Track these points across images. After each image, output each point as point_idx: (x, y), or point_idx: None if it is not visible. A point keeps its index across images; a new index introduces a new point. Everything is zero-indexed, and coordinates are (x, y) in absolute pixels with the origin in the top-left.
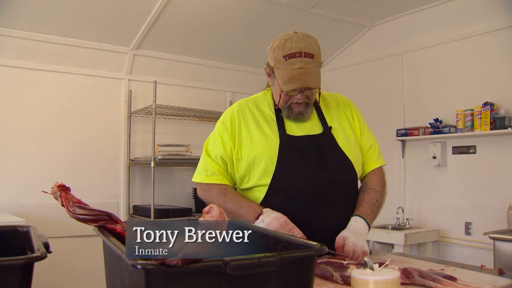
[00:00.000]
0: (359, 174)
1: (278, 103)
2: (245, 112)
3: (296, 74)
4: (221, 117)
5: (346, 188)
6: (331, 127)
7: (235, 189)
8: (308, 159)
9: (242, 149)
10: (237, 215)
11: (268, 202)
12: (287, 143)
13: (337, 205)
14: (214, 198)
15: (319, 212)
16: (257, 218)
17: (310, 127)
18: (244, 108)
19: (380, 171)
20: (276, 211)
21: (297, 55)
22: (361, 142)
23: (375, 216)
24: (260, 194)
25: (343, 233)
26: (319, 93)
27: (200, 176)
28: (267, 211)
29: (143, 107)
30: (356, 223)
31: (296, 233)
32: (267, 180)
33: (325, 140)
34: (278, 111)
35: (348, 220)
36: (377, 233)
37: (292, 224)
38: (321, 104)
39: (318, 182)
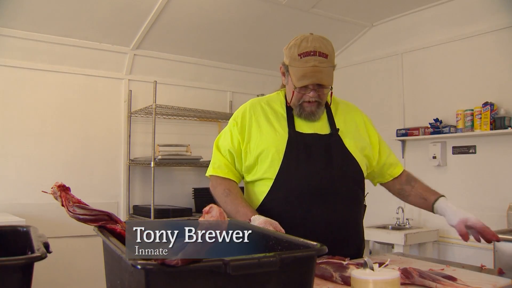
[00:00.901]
0: (364, 174)
1: (291, 101)
2: (257, 109)
3: (309, 71)
4: (234, 114)
5: (350, 186)
6: (338, 129)
7: (243, 187)
8: (315, 156)
9: (251, 143)
10: (233, 217)
11: (272, 195)
12: (295, 139)
13: (340, 202)
14: (218, 196)
15: (322, 209)
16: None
17: (320, 127)
18: (256, 105)
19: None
20: (279, 205)
21: (311, 53)
22: (381, 150)
23: None
24: (265, 188)
25: (459, 217)
26: (331, 93)
27: (209, 169)
28: (254, 218)
29: (143, 107)
30: (450, 202)
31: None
32: (273, 174)
33: (333, 140)
34: (289, 110)
35: (351, 218)
36: (377, 233)
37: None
38: (332, 107)
39: (322, 179)
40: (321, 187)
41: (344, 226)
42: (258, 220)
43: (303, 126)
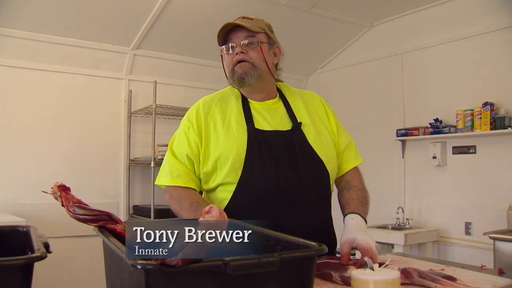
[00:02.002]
0: (331, 173)
1: (226, 73)
2: (211, 107)
3: (226, 25)
4: (186, 114)
5: (317, 188)
6: (301, 123)
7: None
8: (278, 156)
9: (209, 147)
10: None
11: (236, 202)
12: (255, 137)
13: (308, 205)
14: (185, 210)
15: (289, 213)
16: None
17: (279, 122)
18: (210, 103)
19: (358, 170)
20: (244, 212)
21: (234, 19)
22: (338, 142)
23: (367, 213)
24: (226, 194)
25: (348, 236)
26: (261, 51)
27: (165, 178)
28: None
29: (143, 107)
30: (353, 220)
31: None
32: (235, 178)
33: (295, 136)
34: (246, 105)
35: (321, 221)
36: (377, 233)
37: None
38: (290, 99)
39: (288, 182)
40: (288, 190)
41: (314, 230)
42: None
43: (261, 123)
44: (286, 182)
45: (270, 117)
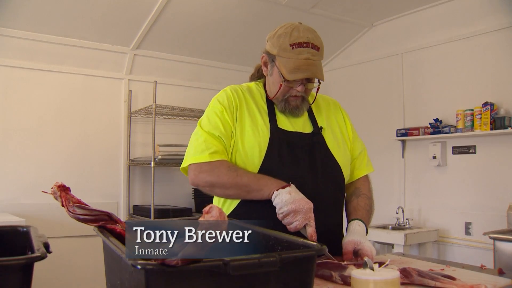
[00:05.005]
0: (346, 179)
1: (275, 94)
2: (239, 95)
3: (303, 64)
4: (215, 98)
5: (333, 192)
6: (321, 127)
7: None
8: (298, 157)
9: (236, 136)
10: (255, 187)
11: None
12: (277, 136)
13: (322, 209)
14: (223, 175)
15: None
16: (282, 188)
17: (302, 125)
18: (238, 91)
19: (368, 178)
20: (257, 209)
21: (304, 45)
22: (352, 148)
23: (369, 223)
24: None
25: (353, 238)
26: (318, 89)
27: (200, 155)
28: (294, 186)
29: (143, 107)
30: (359, 227)
31: (312, 224)
32: None
33: (316, 140)
34: (270, 104)
35: (333, 225)
36: (377, 233)
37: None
38: (312, 104)
39: (305, 184)
40: (303, 192)
41: (325, 235)
42: (302, 195)
43: (285, 123)
44: (303, 184)
45: (293, 118)
